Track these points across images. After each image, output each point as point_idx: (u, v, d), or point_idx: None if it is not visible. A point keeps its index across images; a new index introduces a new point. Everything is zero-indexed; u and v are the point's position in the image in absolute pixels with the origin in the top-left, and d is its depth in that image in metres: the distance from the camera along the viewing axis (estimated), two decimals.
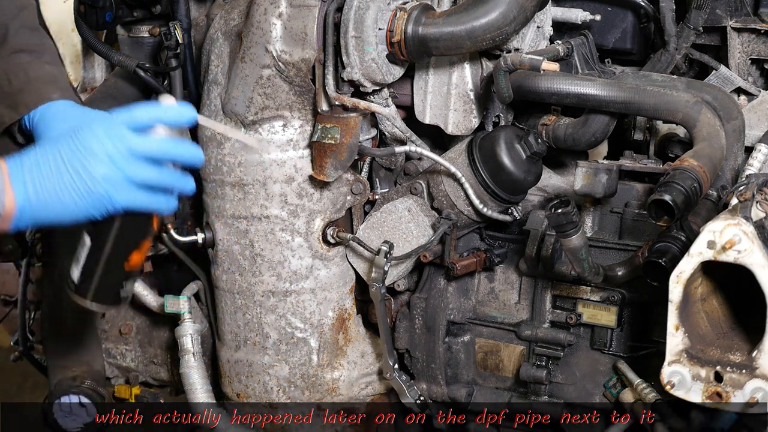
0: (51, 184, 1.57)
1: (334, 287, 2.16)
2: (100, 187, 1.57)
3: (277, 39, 2.02)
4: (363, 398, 2.23)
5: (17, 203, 1.58)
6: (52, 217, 1.60)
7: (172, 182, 1.64)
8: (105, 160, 1.57)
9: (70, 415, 2.37)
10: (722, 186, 1.92)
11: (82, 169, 1.56)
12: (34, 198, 1.58)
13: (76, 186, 1.57)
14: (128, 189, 1.59)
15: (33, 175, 1.58)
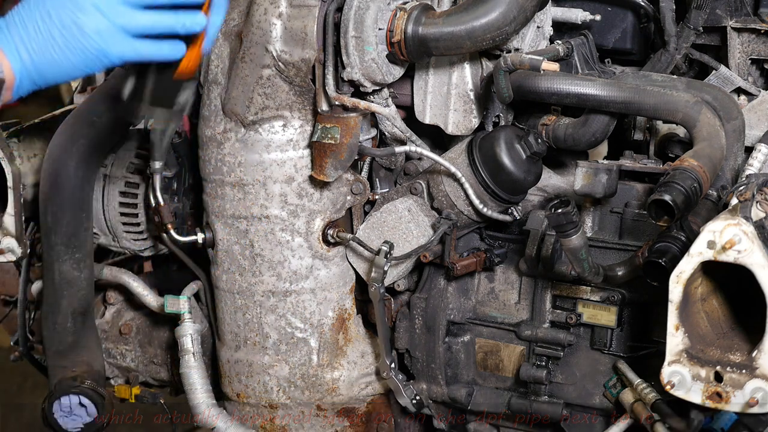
0: (43, 45, 1.50)
1: (334, 287, 2.16)
2: (93, 41, 1.50)
3: (277, 39, 2.02)
4: (363, 398, 2.23)
5: (15, 71, 1.52)
6: (51, 77, 1.54)
7: (174, 24, 1.56)
8: (92, 11, 1.49)
9: (70, 415, 2.37)
10: (722, 186, 1.92)
11: (72, 24, 1.49)
12: (29, 62, 1.51)
13: (68, 43, 1.50)
14: (125, 40, 1.52)
15: (22, 38, 1.51)
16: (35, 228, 2.33)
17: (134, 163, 2.28)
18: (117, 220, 2.29)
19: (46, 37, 1.50)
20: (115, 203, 2.28)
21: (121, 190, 2.27)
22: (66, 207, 2.22)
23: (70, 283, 2.27)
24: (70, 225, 2.22)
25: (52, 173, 2.21)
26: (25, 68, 1.52)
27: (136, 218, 2.29)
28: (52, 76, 1.54)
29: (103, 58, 1.52)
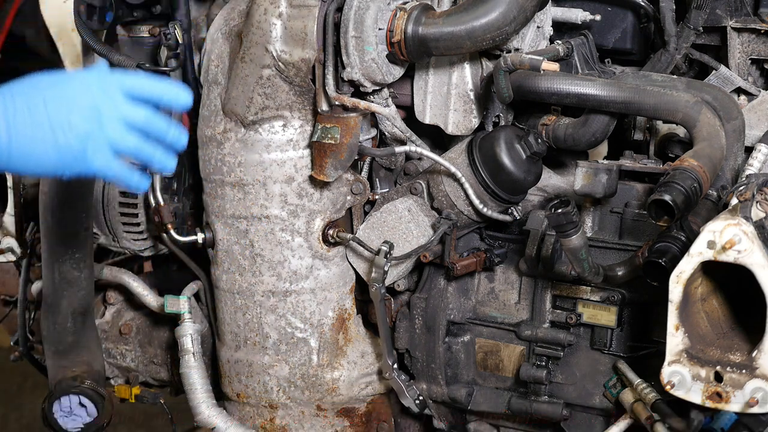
0: (25, 131, 1.43)
1: (334, 287, 2.16)
2: (78, 145, 1.45)
3: (277, 39, 2.02)
4: (363, 398, 2.23)
5: None
6: (19, 165, 1.46)
7: (151, 159, 1.53)
8: (89, 116, 1.45)
9: (70, 415, 2.37)
10: (722, 186, 1.92)
11: (65, 121, 1.44)
12: (5, 142, 1.43)
13: (53, 138, 1.44)
14: (107, 154, 1.48)
15: (7, 115, 1.43)
16: (35, 228, 2.33)
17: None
18: (117, 220, 2.29)
19: (33, 124, 1.44)
20: (115, 203, 2.28)
21: (121, 190, 2.28)
22: (66, 207, 2.22)
23: (70, 283, 2.27)
24: (70, 225, 2.23)
25: None
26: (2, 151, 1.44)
27: (136, 218, 2.29)
28: (21, 165, 1.46)
29: (81, 163, 1.47)
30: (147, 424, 4.10)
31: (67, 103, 1.45)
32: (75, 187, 2.21)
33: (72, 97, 1.45)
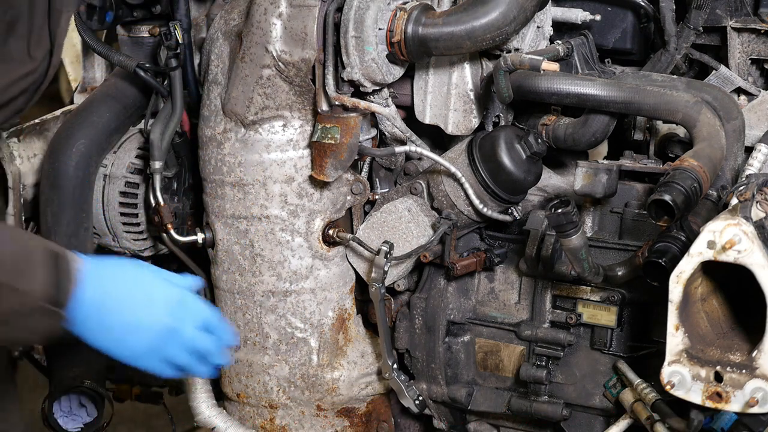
0: (108, 322, 1.63)
1: (334, 287, 2.16)
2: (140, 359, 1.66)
3: (277, 39, 2.02)
4: (363, 398, 2.23)
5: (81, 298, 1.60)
6: (95, 341, 1.65)
7: (196, 371, 1.73)
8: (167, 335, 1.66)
9: (70, 415, 2.37)
10: (722, 186, 1.92)
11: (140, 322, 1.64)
12: (89, 318, 1.61)
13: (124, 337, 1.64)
14: (159, 363, 1.69)
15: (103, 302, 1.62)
16: (35, 228, 2.33)
17: (134, 163, 2.28)
18: (117, 220, 2.29)
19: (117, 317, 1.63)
20: (115, 203, 2.28)
21: (121, 190, 2.27)
22: (66, 207, 2.22)
23: None
24: (70, 225, 2.22)
25: (52, 173, 2.21)
26: (88, 319, 1.62)
27: (136, 218, 2.29)
28: (95, 339, 1.65)
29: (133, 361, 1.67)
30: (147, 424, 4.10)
31: (143, 331, 1.65)
32: (75, 188, 2.21)
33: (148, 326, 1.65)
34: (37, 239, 1.65)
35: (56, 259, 1.60)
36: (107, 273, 1.66)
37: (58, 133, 2.25)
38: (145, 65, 2.18)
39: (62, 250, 1.63)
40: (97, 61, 2.58)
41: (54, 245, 1.64)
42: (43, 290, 1.57)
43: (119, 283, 1.66)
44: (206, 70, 2.15)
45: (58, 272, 1.59)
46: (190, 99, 2.22)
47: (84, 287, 1.60)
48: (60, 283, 1.59)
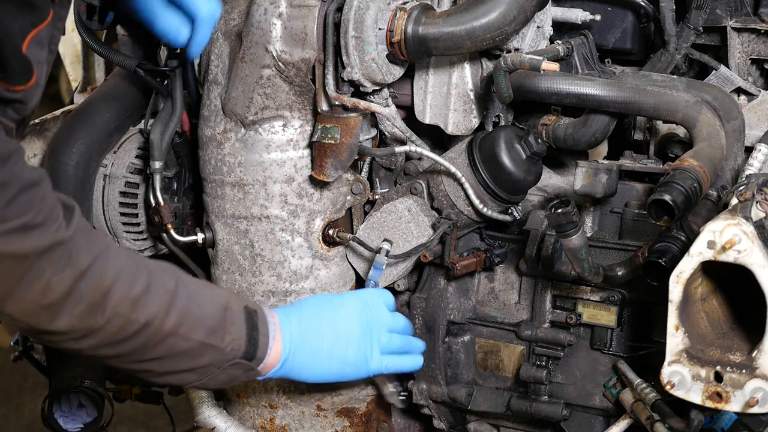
0: (311, 348, 1.82)
1: (334, 287, 2.16)
2: (355, 369, 1.88)
3: (277, 39, 2.02)
4: (363, 398, 2.23)
5: (282, 356, 1.77)
6: (304, 377, 1.84)
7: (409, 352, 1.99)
8: (363, 345, 1.88)
9: (70, 415, 2.37)
10: (722, 186, 1.92)
11: (342, 354, 1.86)
12: (291, 355, 1.79)
13: (331, 365, 1.85)
14: (378, 360, 1.91)
15: (294, 335, 1.80)
16: None
17: (134, 163, 2.28)
18: (117, 220, 2.29)
19: (313, 356, 1.82)
20: (115, 203, 2.28)
21: (121, 190, 2.27)
22: None
23: None
24: None
25: (52, 173, 2.21)
26: (288, 359, 1.79)
27: (136, 218, 2.29)
28: (301, 376, 1.84)
29: (359, 374, 1.90)
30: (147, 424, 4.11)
31: (346, 340, 1.85)
32: (75, 188, 2.21)
33: (346, 332, 1.86)
34: (235, 295, 1.79)
35: (251, 315, 1.73)
36: (297, 316, 1.83)
37: (58, 133, 2.25)
38: (145, 65, 2.18)
39: (257, 306, 1.78)
40: (97, 61, 2.58)
41: (252, 302, 1.79)
42: (238, 345, 1.70)
43: (310, 321, 1.84)
44: (206, 70, 2.15)
45: (251, 328, 1.72)
46: (190, 99, 2.22)
47: (279, 339, 1.78)
48: (252, 338, 1.72)
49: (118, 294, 1.54)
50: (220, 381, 1.73)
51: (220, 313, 1.69)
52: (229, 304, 1.72)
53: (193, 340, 1.64)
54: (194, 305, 1.65)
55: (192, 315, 1.64)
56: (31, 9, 1.54)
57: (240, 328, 1.71)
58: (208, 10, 1.91)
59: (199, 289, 1.69)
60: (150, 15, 1.94)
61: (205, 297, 1.69)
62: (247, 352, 1.72)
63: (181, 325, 1.62)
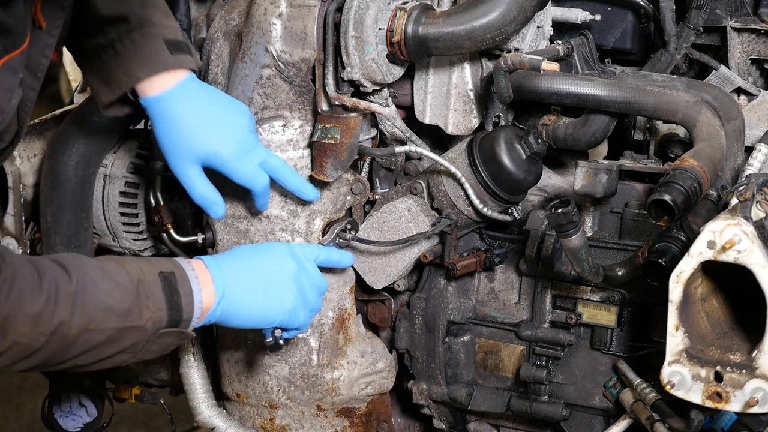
0: (246, 286, 1.81)
1: (333, 287, 2.16)
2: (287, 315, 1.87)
3: (277, 39, 2.02)
4: (363, 398, 2.23)
5: (216, 296, 1.77)
6: (230, 317, 1.81)
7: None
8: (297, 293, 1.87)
9: (70, 415, 2.37)
10: (722, 186, 1.92)
11: (278, 299, 1.85)
12: (224, 303, 1.78)
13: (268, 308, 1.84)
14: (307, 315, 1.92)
15: (230, 284, 1.79)
16: (35, 228, 2.33)
17: (134, 163, 2.28)
18: (117, 220, 2.29)
19: (249, 305, 1.82)
20: (115, 203, 2.28)
21: (121, 190, 2.27)
22: (66, 207, 2.22)
23: None
24: (70, 225, 2.22)
25: (52, 173, 2.21)
26: (220, 305, 1.78)
27: (136, 218, 2.29)
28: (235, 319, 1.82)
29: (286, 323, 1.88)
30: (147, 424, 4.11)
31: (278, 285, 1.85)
32: (75, 188, 2.21)
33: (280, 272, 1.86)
34: (148, 264, 1.74)
35: (168, 280, 1.72)
36: (228, 259, 1.83)
37: (58, 133, 2.25)
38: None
39: (175, 265, 1.75)
40: None
41: (167, 263, 1.76)
42: (159, 317, 1.69)
43: (242, 262, 1.84)
44: (206, 70, 2.15)
45: (171, 294, 1.71)
46: None
47: (210, 282, 1.77)
48: (174, 304, 1.70)
49: (18, 317, 1.55)
50: (155, 351, 1.73)
51: (132, 292, 1.66)
52: (142, 277, 1.68)
53: (108, 329, 1.64)
54: (101, 295, 1.63)
55: (99, 307, 1.63)
56: (3, 34, 1.54)
57: (158, 299, 1.69)
58: (262, 186, 1.98)
59: (105, 274, 1.66)
60: (187, 181, 1.99)
61: (113, 281, 1.66)
62: (171, 319, 1.70)
63: (90, 321, 1.61)
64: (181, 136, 1.91)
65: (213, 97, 1.95)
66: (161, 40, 1.90)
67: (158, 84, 1.90)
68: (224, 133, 1.92)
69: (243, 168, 1.93)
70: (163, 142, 1.93)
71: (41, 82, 1.71)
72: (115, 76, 1.90)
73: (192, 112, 1.91)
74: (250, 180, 1.96)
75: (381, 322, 2.25)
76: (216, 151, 1.92)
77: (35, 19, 1.63)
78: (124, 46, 1.88)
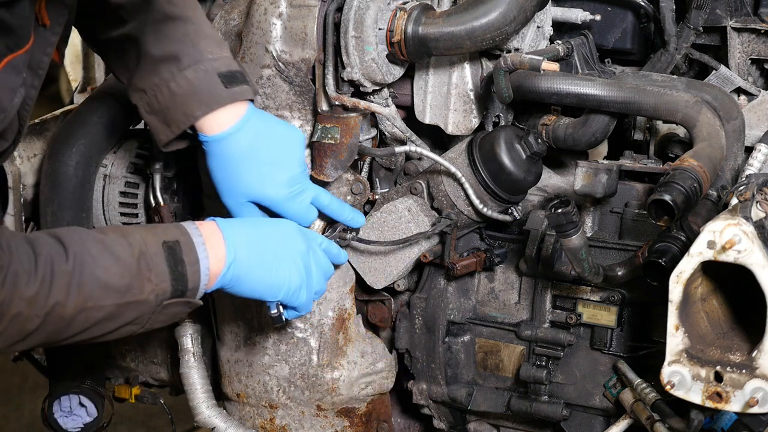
0: (258, 251, 1.79)
1: (333, 287, 2.16)
2: (292, 291, 1.84)
3: (277, 39, 2.02)
4: (363, 398, 2.23)
5: (225, 264, 1.74)
6: (241, 285, 1.79)
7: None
8: (304, 270, 1.84)
9: (70, 415, 2.37)
10: (722, 186, 1.92)
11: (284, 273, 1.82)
12: (235, 267, 1.76)
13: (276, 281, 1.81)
14: (310, 297, 1.88)
15: (242, 250, 1.77)
16: (35, 228, 2.33)
17: (134, 163, 2.28)
18: (117, 220, 2.29)
19: (258, 266, 1.80)
20: (115, 203, 2.28)
21: (121, 190, 2.27)
22: (66, 207, 2.22)
23: None
24: (70, 225, 2.22)
25: (52, 173, 2.21)
26: (230, 270, 1.75)
27: (136, 218, 2.29)
28: (242, 285, 1.79)
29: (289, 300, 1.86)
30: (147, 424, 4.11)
31: (288, 260, 1.82)
32: (75, 188, 2.21)
33: (289, 255, 1.83)
34: (152, 233, 1.71)
35: (172, 250, 1.69)
36: (241, 223, 1.83)
37: (58, 133, 2.25)
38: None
39: (182, 232, 1.73)
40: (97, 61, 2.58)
41: (172, 230, 1.73)
42: (162, 289, 1.67)
43: (253, 240, 1.80)
44: None
45: (175, 263, 1.68)
46: None
47: (222, 244, 1.75)
48: (178, 274, 1.68)
49: (13, 301, 1.54)
50: (163, 321, 1.72)
51: (133, 266, 1.65)
52: (145, 249, 1.67)
53: (108, 306, 1.63)
54: (99, 272, 1.62)
55: (97, 284, 1.61)
56: (7, 34, 1.53)
57: (161, 271, 1.67)
58: (310, 222, 1.98)
59: (105, 249, 1.65)
60: None
61: (113, 256, 1.65)
62: (176, 290, 1.69)
63: (87, 299, 1.61)
64: (237, 180, 1.91)
65: (269, 134, 1.92)
66: (215, 74, 1.88)
67: (215, 122, 1.88)
68: (277, 176, 1.91)
69: (294, 208, 1.93)
70: (217, 179, 1.93)
71: (42, 80, 1.71)
72: (171, 116, 1.88)
73: (248, 155, 1.90)
74: (300, 218, 1.95)
75: (381, 322, 2.25)
76: (269, 196, 1.91)
77: (39, 16, 1.62)
78: (179, 85, 1.87)
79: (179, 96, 1.87)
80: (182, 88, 1.87)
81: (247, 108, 1.90)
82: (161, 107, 1.89)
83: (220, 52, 1.91)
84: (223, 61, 1.91)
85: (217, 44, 1.93)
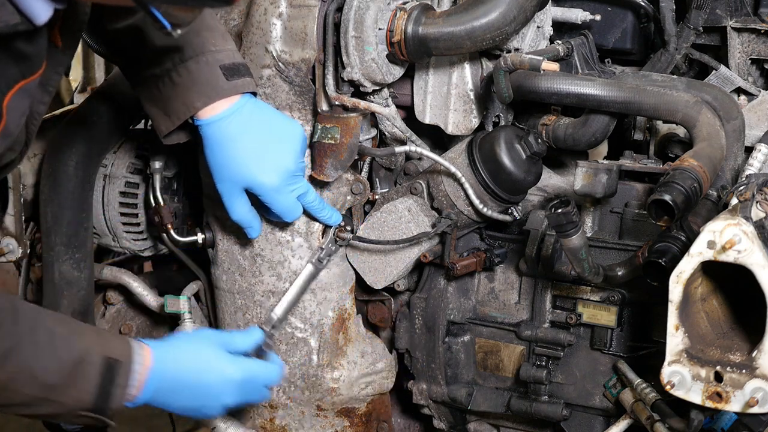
0: (175, 388, 1.79)
1: (334, 287, 2.16)
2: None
3: (277, 39, 2.02)
4: (363, 398, 2.23)
5: (142, 396, 1.76)
6: (166, 402, 1.81)
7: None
8: (235, 399, 1.83)
9: None
10: (722, 186, 1.92)
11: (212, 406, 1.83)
12: (160, 388, 1.77)
13: (195, 405, 1.82)
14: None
15: (163, 391, 1.78)
16: (35, 228, 2.33)
17: (134, 163, 2.28)
18: (117, 220, 2.29)
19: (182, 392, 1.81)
20: (115, 203, 2.28)
21: (121, 190, 2.28)
22: (66, 207, 2.22)
23: (70, 284, 2.27)
24: (70, 225, 2.23)
25: (52, 173, 2.21)
26: (154, 389, 1.77)
27: (136, 218, 2.29)
28: (167, 403, 1.82)
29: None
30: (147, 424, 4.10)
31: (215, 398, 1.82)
32: (75, 188, 2.21)
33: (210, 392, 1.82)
34: (101, 342, 1.72)
35: (110, 369, 1.69)
36: (168, 367, 1.78)
37: (58, 133, 2.25)
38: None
39: (127, 354, 1.73)
40: (97, 61, 2.58)
41: (122, 347, 1.73)
42: (84, 400, 1.68)
43: (181, 379, 1.80)
44: None
45: (107, 383, 1.69)
46: None
47: (144, 390, 1.75)
48: (105, 392, 1.70)
49: None
50: (73, 423, 1.77)
51: (66, 369, 1.66)
52: (87, 357, 1.68)
53: (27, 395, 1.64)
54: (34, 362, 1.63)
55: (26, 373, 1.62)
56: (23, 61, 1.54)
57: (91, 385, 1.68)
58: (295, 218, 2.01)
59: (50, 342, 1.66)
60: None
61: (54, 353, 1.66)
62: (96, 407, 1.70)
63: (11, 381, 1.61)
64: (229, 162, 1.91)
65: (265, 122, 1.94)
66: (217, 66, 1.89)
67: (213, 111, 1.90)
68: (270, 164, 1.92)
69: (282, 201, 1.95)
70: (211, 163, 1.94)
71: (52, 96, 1.72)
72: (172, 106, 1.89)
73: (241, 139, 1.91)
74: (286, 213, 1.97)
75: (381, 322, 2.25)
76: (260, 183, 1.92)
77: (52, 40, 1.63)
78: (180, 76, 1.88)
79: (180, 87, 1.88)
80: (183, 78, 1.88)
81: (242, 97, 1.91)
82: (162, 97, 1.89)
83: (223, 45, 1.91)
84: (227, 53, 1.91)
85: (221, 36, 1.93)
